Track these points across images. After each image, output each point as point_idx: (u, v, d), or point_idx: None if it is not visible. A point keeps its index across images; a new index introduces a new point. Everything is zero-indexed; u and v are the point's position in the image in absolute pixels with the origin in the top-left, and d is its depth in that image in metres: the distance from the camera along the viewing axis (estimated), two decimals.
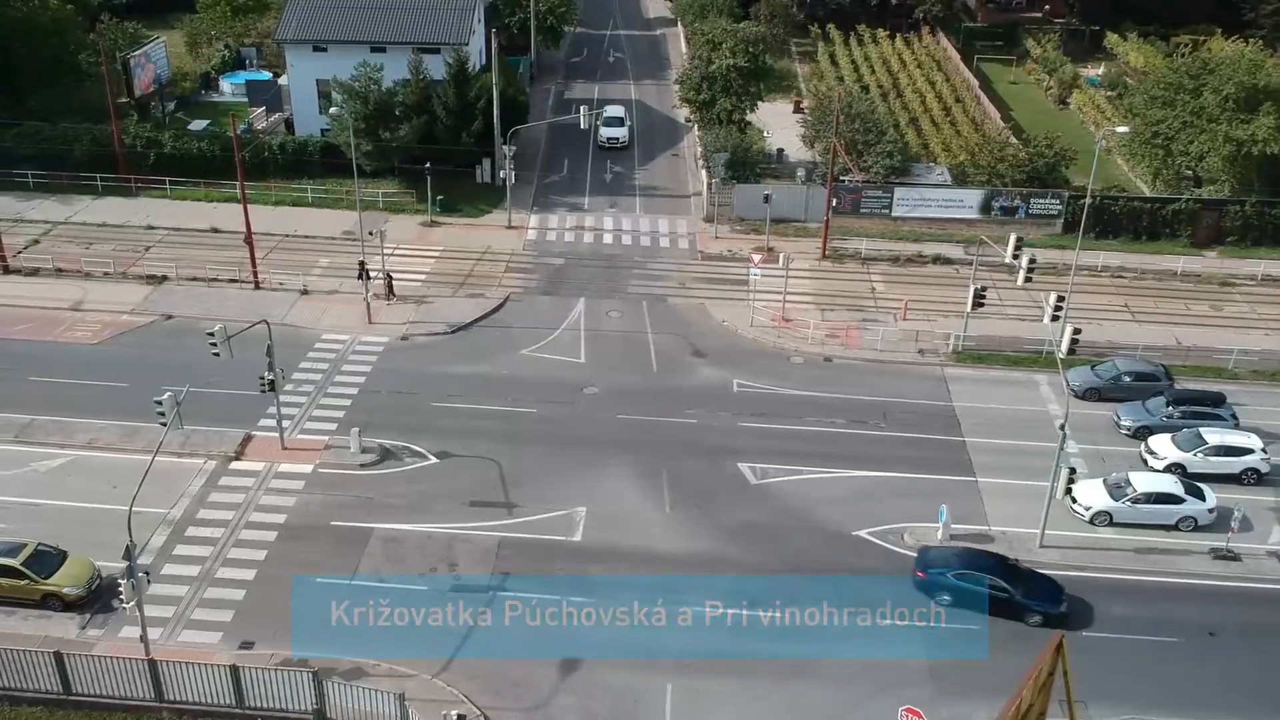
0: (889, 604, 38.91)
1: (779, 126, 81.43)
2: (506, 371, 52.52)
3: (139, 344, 53.75)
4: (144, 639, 34.53)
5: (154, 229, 65.31)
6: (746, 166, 70.35)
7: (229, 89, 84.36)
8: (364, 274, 55.53)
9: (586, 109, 66.49)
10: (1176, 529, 43.06)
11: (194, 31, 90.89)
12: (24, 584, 37.43)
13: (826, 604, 38.76)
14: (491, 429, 48.01)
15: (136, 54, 77.46)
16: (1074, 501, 42.72)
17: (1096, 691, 35.26)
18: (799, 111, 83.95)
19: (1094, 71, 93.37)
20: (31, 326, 54.74)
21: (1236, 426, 48.09)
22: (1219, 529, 42.42)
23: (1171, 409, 48.77)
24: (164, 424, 36.97)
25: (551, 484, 44.78)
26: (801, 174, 70.88)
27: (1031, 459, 45.67)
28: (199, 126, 76.49)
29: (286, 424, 47.11)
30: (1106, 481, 44.16)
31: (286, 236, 64.85)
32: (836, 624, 38.18)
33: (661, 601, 38.86)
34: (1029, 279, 50.67)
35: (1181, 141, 67.82)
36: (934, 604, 38.89)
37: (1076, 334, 46.32)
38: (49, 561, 38.07)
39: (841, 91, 73.26)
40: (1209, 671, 37.12)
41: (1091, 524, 43.12)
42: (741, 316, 57.55)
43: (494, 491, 44.28)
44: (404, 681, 34.96)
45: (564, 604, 38.61)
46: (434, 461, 46.01)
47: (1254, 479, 45.80)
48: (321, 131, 72.41)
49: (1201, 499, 43.24)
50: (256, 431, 47.27)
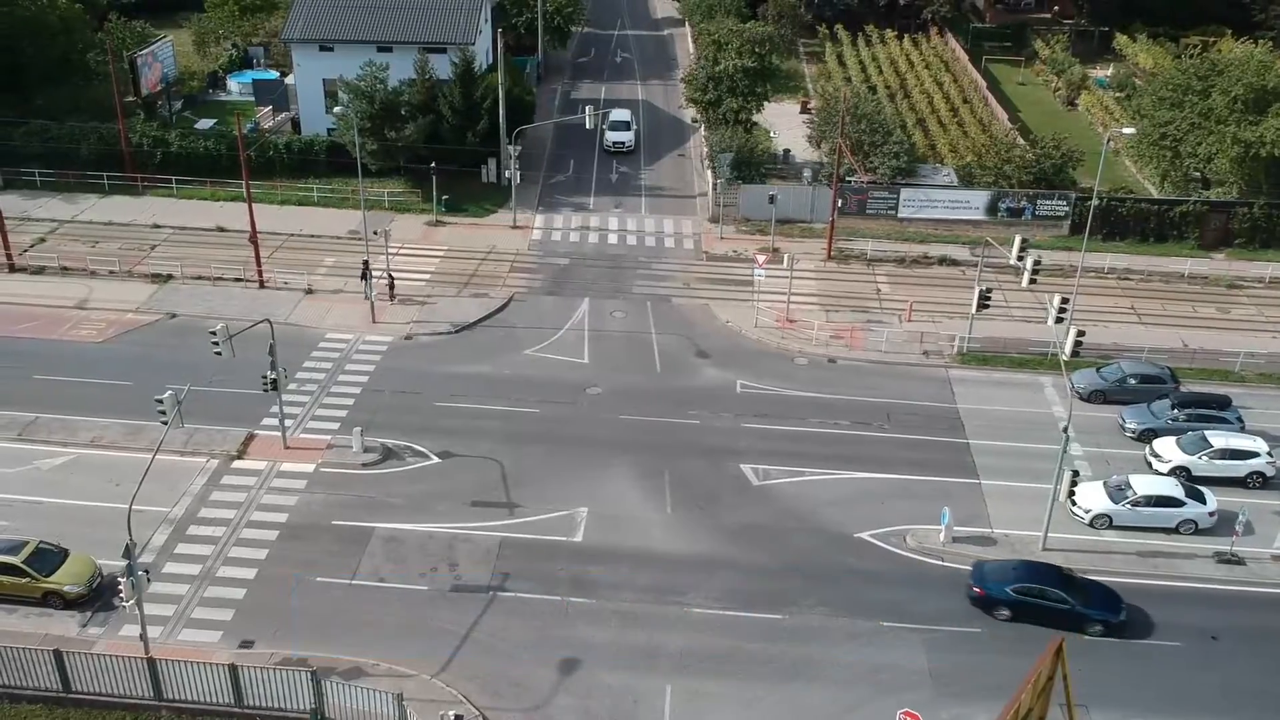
0: (890, 606, 38.87)
1: (786, 127, 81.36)
2: (510, 371, 52.49)
3: (143, 343, 53.83)
4: (144, 637, 34.58)
5: (160, 228, 65.46)
6: (752, 167, 70.17)
7: (236, 88, 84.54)
8: (366, 275, 55.54)
9: (591, 109, 66.44)
10: (1177, 532, 42.85)
11: (202, 31, 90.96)
12: (25, 582, 37.51)
13: (827, 606, 38.81)
14: (494, 429, 47.99)
15: (143, 53, 77.71)
16: (1074, 504, 42.51)
17: (1098, 695, 35.10)
18: (806, 112, 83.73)
19: (1103, 72, 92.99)
20: (36, 325, 54.86)
21: (1242, 430, 47.82)
22: (1222, 532, 42.19)
23: (1176, 412, 48.52)
24: (165, 423, 37.03)
25: (553, 484, 44.72)
26: (808, 174, 70.71)
27: (1035, 461, 45.47)
28: (206, 125, 76.66)
29: (289, 423, 47.19)
30: (1107, 484, 43.96)
31: (292, 236, 64.92)
32: (836, 625, 38.14)
33: (661, 602, 38.89)
34: (1034, 280, 50.48)
35: (1190, 143, 67.49)
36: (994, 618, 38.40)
37: (1080, 336, 46.16)
38: (50, 559, 38.14)
39: (848, 92, 73.12)
40: (1211, 676, 36.90)
41: (1091, 526, 42.94)
42: (746, 317, 57.42)
43: (495, 491, 44.24)
44: (403, 681, 34.95)
45: (564, 604, 38.70)
46: (436, 461, 45.99)
47: (1259, 483, 45.55)
48: (328, 131, 72.49)
49: (1202, 502, 43.02)
50: (259, 430, 47.31)
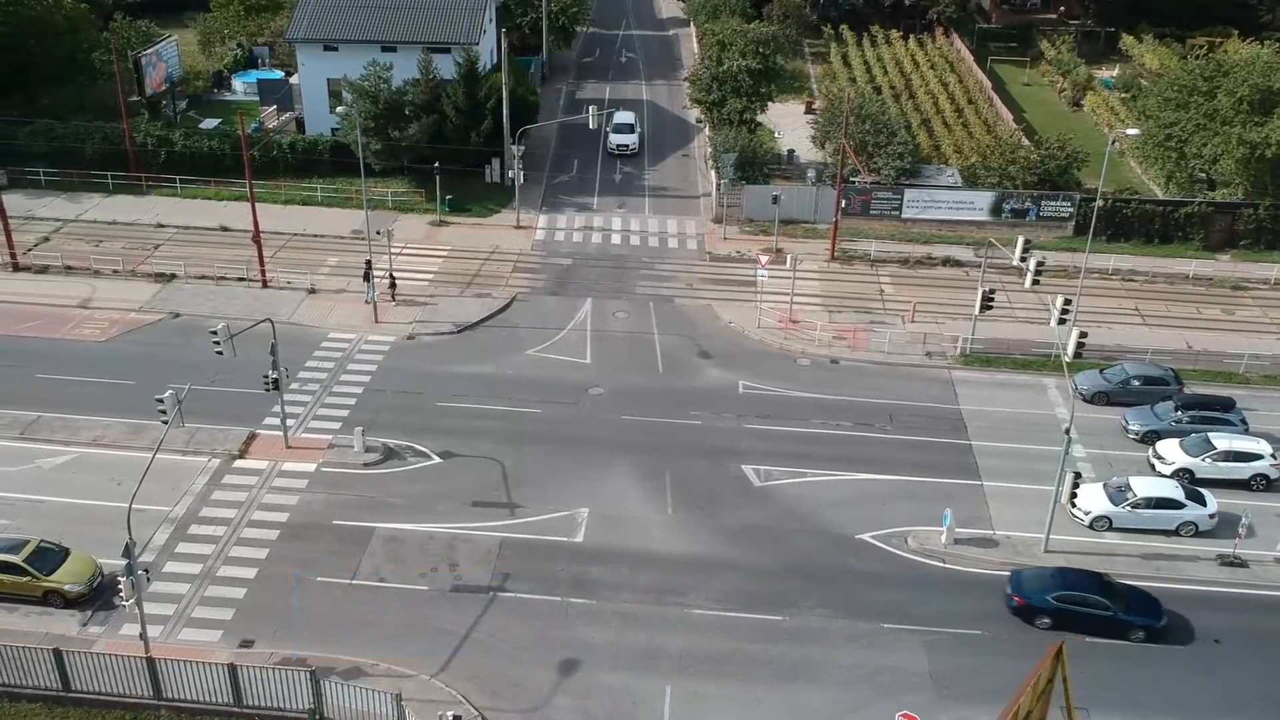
0: (890, 608, 38.78)
1: (790, 127, 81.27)
2: (512, 371, 52.46)
3: (146, 342, 53.88)
4: (143, 637, 34.60)
5: (163, 227, 65.54)
6: (756, 167, 70.10)
7: (241, 88, 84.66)
8: (368, 276, 55.50)
9: (595, 109, 66.37)
10: (1177, 534, 42.68)
11: (207, 30, 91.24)
12: (26, 580, 37.55)
13: (827, 607, 38.74)
14: (495, 429, 47.96)
15: (148, 52, 77.79)
16: (1074, 506, 42.34)
17: (1099, 698, 34.96)
18: (810, 112, 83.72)
19: (1108, 73, 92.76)
20: (40, 324, 54.94)
21: (1246, 432, 47.67)
22: (1225, 535, 42.03)
23: (1180, 414, 48.33)
24: (165, 422, 37.05)
25: (554, 485, 44.67)
26: (812, 175, 70.59)
27: (1038, 463, 45.35)
28: (210, 125, 76.75)
29: (291, 422, 47.21)
30: (1107, 486, 43.79)
31: (295, 235, 64.96)
32: (837, 627, 38.06)
33: (662, 603, 38.84)
34: (1036, 281, 50.31)
35: (1195, 144, 67.28)
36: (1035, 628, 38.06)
37: (1083, 337, 46.00)
38: (51, 558, 38.18)
39: (852, 93, 73.00)
40: (1214, 679, 36.73)
41: (1091, 528, 42.79)
42: (749, 318, 57.34)
43: (496, 492, 44.21)
44: (402, 681, 34.93)
45: (564, 605, 38.66)
46: (437, 461, 45.96)
47: (1263, 485, 45.38)
48: (332, 131, 72.57)
49: (1203, 504, 42.85)
50: (261, 430, 47.33)
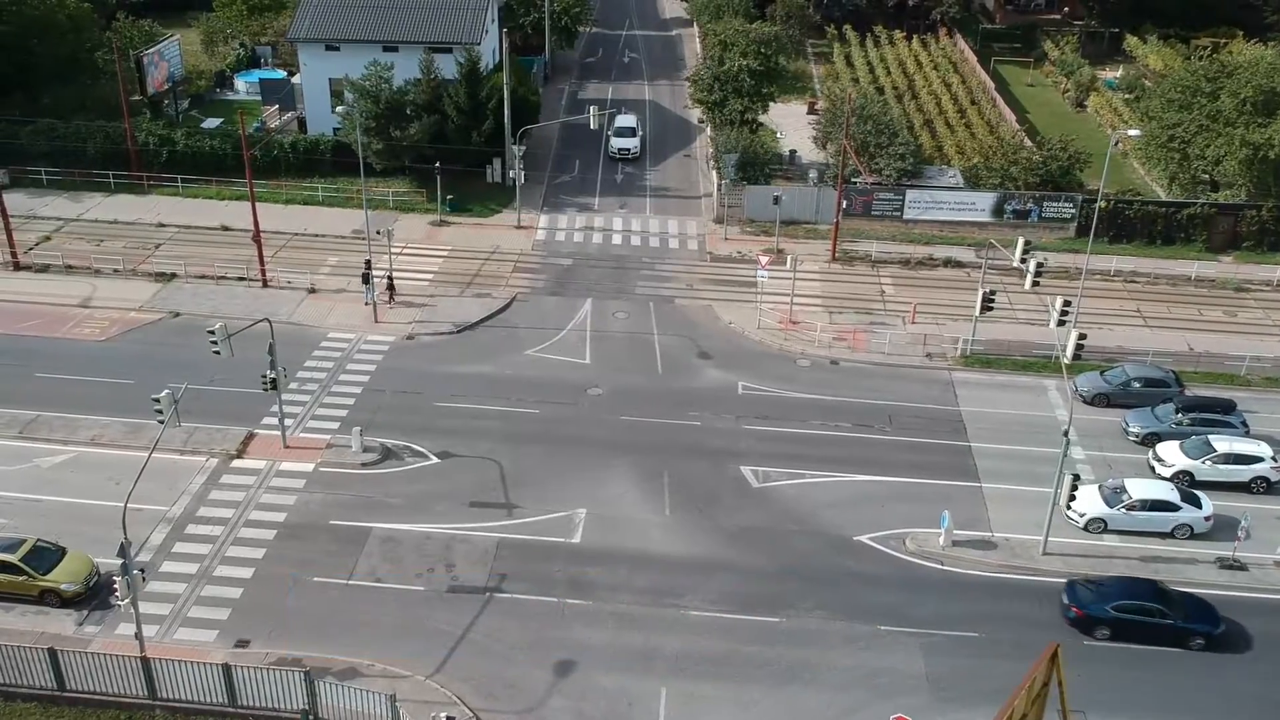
0: (888, 610, 38.68)
1: (793, 128, 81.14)
2: (511, 372, 52.39)
3: (146, 341, 53.88)
4: (139, 636, 34.59)
5: (164, 226, 65.56)
6: (757, 168, 70.00)
7: (243, 87, 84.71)
8: (368, 278, 55.46)
9: (596, 109, 66.27)
10: (1172, 537, 42.49)
11: (210, 30, 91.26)
12: (22, 580, 37.55)
13: (825, 609, 38.63)
14: (494, 429, 47.89)
15: (150, 52, 77.81)
16: (1069, 507, 42.14)
17: (1097, 701, 34.85)
18: (813, 113, 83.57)
19: (1112, 74, 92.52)
20: (40, 323, 54.96)
21: (1247, 434, 47.50)
22: (1225, 538, 41.87)
23: (1180, 416, 48.15)
24: (161, 422, 37.02)
25: (552, 485, 44.60)
26: (813, 176, 70.47)
27: (1037, 465, 45.23)
28: (212, 124, 76.78)
29: (290, 422, 47.18)
30: (1102, 488, 43.62)
31: (296, 235, 64.95)
32: (834, 629, 37.95)
33: (658, 604, 38.75)
34: (1036, 283, 50.14)
35: (1198, 145, 67.05)
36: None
37: (1082, 339, 45.83)
38: (47, 557, 38.19)
39: (853, 93, 72.84)
40: (1212, 682, 36.59)
41: (1086, 530, 42.63)
42: (749, 318, 57.22)
43: (494, 492, 44.14)
44: (397, 682, 34.88)
45: (561, 606, 38.58)
46: (435, 461, 45.90)
47: (1263, 487, 45.20)
48: (334, 130, 72.55)
49: (1198, 507, 42.67)
50: (259, 430, 47.30)
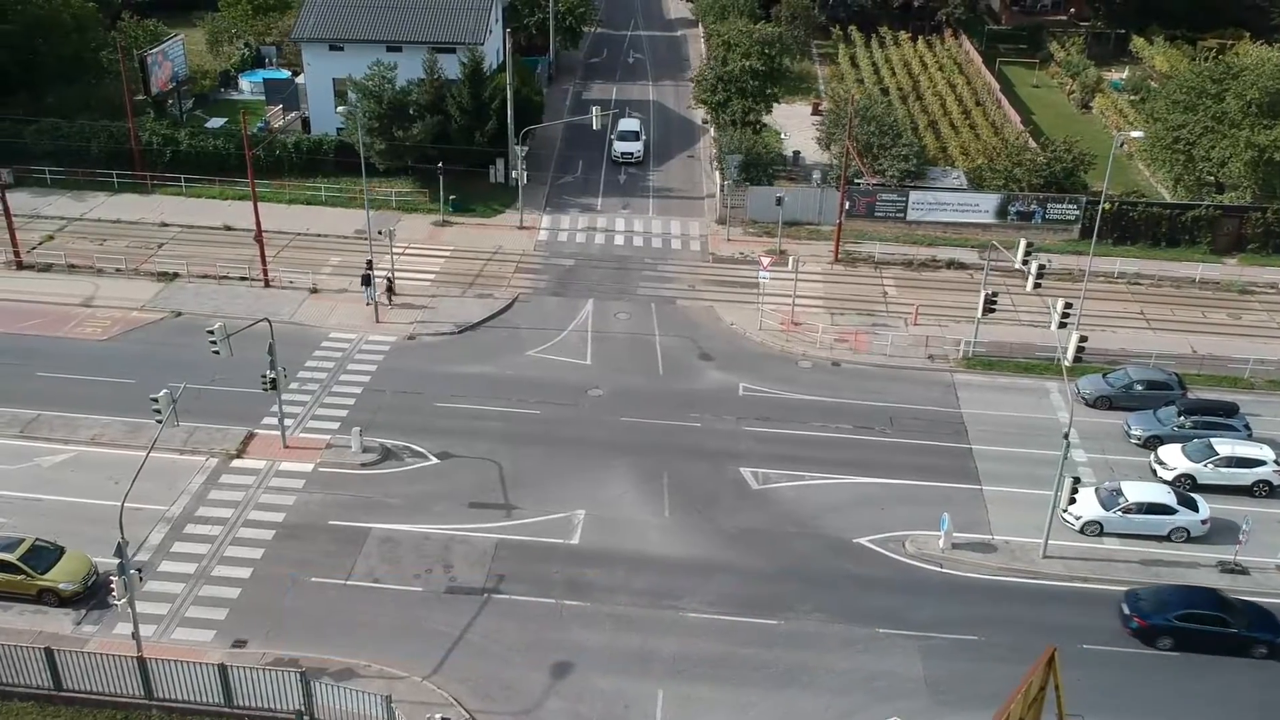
0: (886, 612, 38.56)
1: (797, 129, 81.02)
2: (512, 372, 52.34)
3: (147, 341, 53.91)
4: (135, 636, 34.57)
5: (167, 226, 65.61)
6: (761, 168, 69.88)
7: (248, 87, 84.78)
8: (368, 280, 55.42)
9: (599, 109, 66.20)
10: (1169, 540, 42.29)
11: (215, 29, 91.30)
12: (20, 579, 37.57)
13: (823, 611, 38.52)
14: (494, 430, 47.84)
15: (153, 52, 77.89)
16: (1066, 510, 41.96)
17: (1096, 704, 34.61)
18: (818, 114, 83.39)
19: (1118, 75, 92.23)
20: (42, 322, 55.02)
21: (1249, 437, 47.29)
22: (1225, 541, 41.68)
23: (1183, 419, 47.94)
24: (159, 422, 37.01)
25: (551, 486, 44.53)
26: (817, 177, 70.35)
27: (1039, 468, 45.06)
28: (216, 124, 76.85)
29: (290, 422, 47.18)
30: (1099, 490, 43.43)
31: (299, 235, 64.97)
32: (832, 632, 37.84)
33: (656, 606, 38.67)
34: (1038, 285, 49.98)
35: (1203, 147, 66.82)
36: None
37: (1083, 341, 45.61)
38: (46, 557, 38.20)
39: (856, 94, 72.69)
40: (1212, 685, 36.43)
41: (1082, 533, 42.46)
42: (750, 319, 57.11)
43: (493, 493, 44.09)
44: (394, 683, 34.85)
45: (559, 607, 38.52)
46: (434, 462, 45.87)
47: (1265, 491, 44.97)
48: (337, 130, 72.55)
49: (1195, 510, 42.44)
50: (259, 429, 47.30)
